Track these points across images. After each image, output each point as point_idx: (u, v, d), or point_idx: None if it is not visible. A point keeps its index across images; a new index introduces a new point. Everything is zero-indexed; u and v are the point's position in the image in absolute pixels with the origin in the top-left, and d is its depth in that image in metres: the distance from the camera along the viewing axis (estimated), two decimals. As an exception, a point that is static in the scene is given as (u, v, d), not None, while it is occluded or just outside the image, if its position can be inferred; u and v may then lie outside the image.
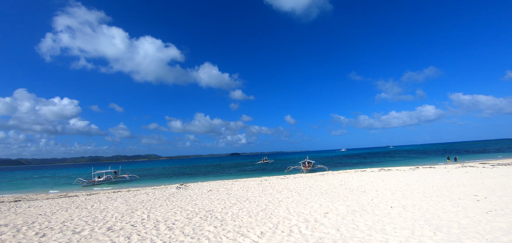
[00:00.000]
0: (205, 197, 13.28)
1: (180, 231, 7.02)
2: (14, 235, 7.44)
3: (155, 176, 43.58)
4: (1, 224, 9.06)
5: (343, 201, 10.26)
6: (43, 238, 7.02)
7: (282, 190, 14.25)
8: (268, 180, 21.76)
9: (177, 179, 35.40)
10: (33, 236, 7.32)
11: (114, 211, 10.52)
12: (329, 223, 7.22)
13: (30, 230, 7.93)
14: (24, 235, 7.41)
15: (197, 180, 31.83)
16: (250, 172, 43.22)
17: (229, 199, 12.19)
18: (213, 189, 16.42)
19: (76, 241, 6.59)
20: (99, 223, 8.39)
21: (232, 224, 7.53)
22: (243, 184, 19.09)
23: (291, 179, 20.84)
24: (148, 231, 7.21)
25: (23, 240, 6.91)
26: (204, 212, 9.42)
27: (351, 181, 16.77)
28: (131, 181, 35.00)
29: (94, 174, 33.96)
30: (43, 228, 8.17)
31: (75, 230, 7.66)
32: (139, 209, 10.59)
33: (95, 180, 31.89)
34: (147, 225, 7.90)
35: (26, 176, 60.81)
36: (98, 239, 6.66)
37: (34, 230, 7.90)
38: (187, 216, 8.88)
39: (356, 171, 26.24)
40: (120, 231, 7.35)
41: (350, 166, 41.52)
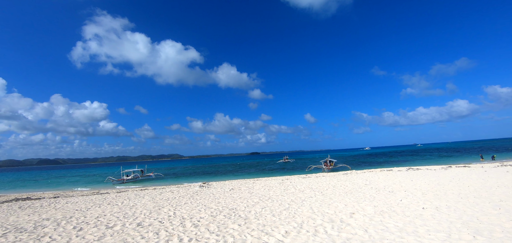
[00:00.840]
0: (228, 195, 13.45)
1: (206, 228, 7.16)
2: (55, 228, 8.05)
3: (179, 175, 45.01)
4: (44, 218, 9.85)
5: (370, 201, 9.87)
6: (80, 232, 7.51)
7: (304, 189, 14.04)
8: (289, 179, 21.57)
9: (200, 178, 36.27)
10: (71, 229, 7.86)
11: (143, 208, 11.00)
12: (356, 223, 6.97)
13: (68, 224, 8.54)
14: (63, 229, 7.99)
15: (218, 179, 32.40)
16: (271, 171, 43.12)
17: (251, 198, 12.24)
18: (235, 188, 16.59)
19: (109, 236, 6.97)
20: (130, 219, 8.81)
21: (256, 222, 7.54)
22: (264, 183, 19.09)
23: (313, 178, 20.48)
24: (175, 227, 7.44)
25: (63, 233, 7.44)
26: (227, 210, 9.54)
27: (377, 181, 16.11)
28: (156, 180, 36.46)
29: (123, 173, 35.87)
30: (79, 222, 8.75)
31: (108, 225, 8.11)
32: (165, 206, 10.98)
33: (124, 179, 33.66)
34: (174, 222, 8.16)
35: (62, 175, 65.75)
36: (129, 234, 6.99)
37: (72, 224, 8.49)
38: (211, 214, 9.05)
39: (382, 170, 25.16)
40: (149, 227, 7.67)
41: (375, 165, 39.91)
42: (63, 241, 6.73)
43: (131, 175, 35.35)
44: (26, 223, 9.02)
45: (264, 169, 48.05)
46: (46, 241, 6.77)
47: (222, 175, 39.59)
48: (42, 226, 8.49)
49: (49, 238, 7.00)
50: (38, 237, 7.15)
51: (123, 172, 36.35)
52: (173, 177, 40.09)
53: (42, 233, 7.55)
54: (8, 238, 7.17)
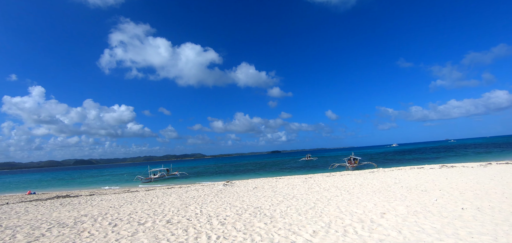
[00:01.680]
0: (251, 194, 13.51)
1: (232, 227, 7.23)
2: (92, 224, 8.60)
3: (202, 174, 46.15)
4: (82, 214, 10.58)
5: (401, 201, 9.36)
6: (115, 228, 7.95)
7: (329, 188, 13.70)
8: (313, 177, 21.19)
9: (222, 177, 36.90)
10: (107, 225, 8.35)
11: (170, 205, 11.40)
12: (388, 224, 6.64)
13: (104, 220, 9.08)
14: (100, 224, 8.51)
15: (241, 177, 32.72)
16: (293, 169, 42.71)
17: (275, 196, 12.18)
18: (258, 187, 16.63)
19: (142, 232, 7.30)
20: (159, 216, 9.17)
21: (282, 221, 7.48)
22: (287, 181, 18.93)
23: (338, 177, 19.93)
24: (202, 225, 7.61)
25: (100, 229, 7.93)
26: (252, 208, 9.57)
27: (407, 179, 15.27)
28: (181, 178, 37.70)
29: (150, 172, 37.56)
30: (114, 219, 9.27)
31: (140, 222, 8.51)
32: (192, 204, 11.28)
33: (151, 177, 35.23)
34: (201, 219, 8.35)
35: (95, 174, 70.38)
36: (160, 231, 7.26)
37: (107, 220, 9.02)
38: (237, 212, 9.13)
39: (411, 168, 23.82)
40: (177, 224, 7.92)
41: (404, 163, 37.92)
42: (101, 236, 7.16)
43: (158, 174, 36.91)
44: (67, 219, 9.75)
45: (285, 168, 47.71)
46: (86, 236, 7.24)
47: (244, 174, 39.94)
48: (81, 221, 9.12)
49: (88, 233, 7.49)
50: (78, 232, 7.68)
51: (150, 171, 38.06)
52: (197, 176, 41.20)
53: (82, 228, 8.10)
54: (53, 232, 7.78)
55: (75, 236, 7.26)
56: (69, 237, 7.25)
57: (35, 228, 8.49)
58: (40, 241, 6.94)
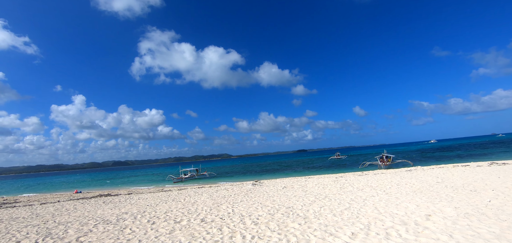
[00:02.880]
0: (281, 193, 13.36)
1: (266, 226, 7.17)
2: (133, 221, 9.11)
3: (230, 174, 46.92)
4: (123, 212, 11.28)
5: (448, 202, 8.57)
6: (153, 225, 8.33)
7: (363, 188, 13.05)
8: (344, 177, 20.40)
9: (250, 176, 37.16)
10: (146, 222, 8.79)
11: (203, 204, 11.69)
12: (435, 227, 6.09)
13: (143, 218, 9.57)
14: (139, 222, 8.98)
15: (268, 177, 32.66)
16: (321, 168, 41.62)
17: (306, 196, 11.90)
18: (288, 186, 16.41)
19: (178, 230, 7.55)
20: (193, 215, 9.43)
21: (316, 222, 7.24)
22: (317, 181, 18.44)
23: (371, 176, 18.94)
24: (235, 224, 7.66)
25: (140, 226, 8.36)
26: (284, 208, 9.43)
27: (451, 178, 14.00)
28: (210, 178, 38.70)
29: (181, 171, 39.13)
30: (152, 216, 9.74)
31: (176, 220, 8.82)
32: (223, 204, 11.46)
33: (182, 177, 36.68)
34: (234, 218, 8.42)
35: (131, 174, 75.15)
36: (195, 229, 7.45)
37: (146, 218, 9.49)
38: (269, 212, 9.06)
39: (455, 166, 21.84)
40: (212, 223, 8.06)
41: (445, 160, 34.98)
42: (141, 232, 7.54)
43: (188, 174, 38.31)
44: (110, 216, 10.45)
45: (313, 167, 46.66)
46: (128, 232, 7.68)
47: (271, 173, 39.82)
48: (122, 219, 9.71)
49: (129, 230, 7.94)
50: (121, 229, 8.18)
51: (181, 171, 39.65)
52: (225, 176, 42.00)
53: (124, 225, 8.62)
54: (99, 229, 8.38)
55: (119, 233, 7.73)
56: (113, 233, 7.73)
57: (84, 224, 9.23)
58: (89, 237, 7.50)
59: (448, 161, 33.69)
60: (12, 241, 7.46)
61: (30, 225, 9.60)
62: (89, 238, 7.35)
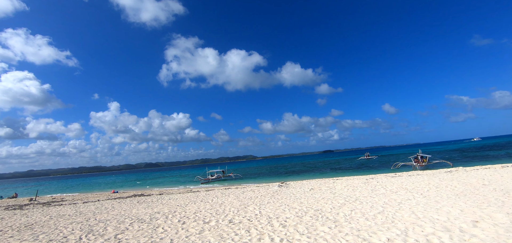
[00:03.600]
0: (309, 195, 13.05)
1: (294, 229, 7.03)
2: (165, 221, 9.49)
3: (255, 175, 47.10)
4: (155, 211, 11.82)
5: (498, 207, 7.71)
6: (183, 225, 8.60)
7: (397, 190, 12.27)
8: (375, 178, 19.39)
9: (276, 178, 36.95)
10: (176, 222, 9.10)
11: (230, 206, 11.83)
12: (485, 235, 5.49)
13: (174, 217, 9.93)
14: (171, 221, 9.33)
15: (294, 178, 32.19)
16: (349, 169, 40.08)
17: (335, 198, 11.49)
18: (315, 188, 16.00)
19: (207, 230, 7.70)
20: (221, 216, 9.58)
21: (348, 226, 6.93)
22: (346, 182, 17.75)
23: (405, 177, 17.76)
24: (263, 226, 7.61)
25: (171, 225, 8.68)
26: (312, 211, 9.19)
27: (500, 180, 12.61)
28: (236, 179, 39.21)
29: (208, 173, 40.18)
30: (182, 216, 10.07)
31: (205, 220, 9.02)
32: (250, 205, 11.49)
33: (209, 178, 37.64)
34: (261, 220, 8.38)
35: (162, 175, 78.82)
36: (224, 230, 7.54)
37: (177, 218, 9.84)
38: (297, 214, 8.88)
39: (503, 167, 19.68)
40: (239, 224, 8.11)
41: (492, 160, 31.73)
42: (173, 232, 7.82)
43: (215, 175, 39.22)
44: (143, 215, 11.01)
45: (341, 168, 45.09)
46: (160, 231, 8.01)
47: (297, 175, 39.24)
48: (155, 218, 10.17)
49: (162, 229, 8.28)
50: (154, 227, 8.56)
51: (208, 172, 40.72)
52: (251, 177, 42.25)
53: (156, 224, 9.01)
54: (134, 227, 8.85)
55: (152, 231, 8.10)
56: (147, 231, 8.12)
57: (121, 222, 9.82)
58: (125, 234, 7.95)
59: (496, 161, 30.48)
60: (60, 236, 8.17)
61: (74, 222, 10.46)
62: (126, 236, 7.79)
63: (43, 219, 11.89)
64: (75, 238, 7.90)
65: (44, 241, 7.76)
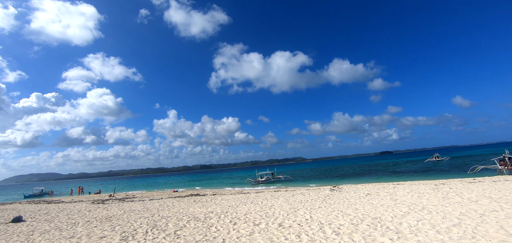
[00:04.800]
0: (365, 201, 12.02)
1: (349, 238, 6.51)
2: (217, 220, 9.94)
3: (305, 177, 45.92)
4: (209, 211, 12.50)
5: None
6: (235, 226, 8.84)
7: (477, 199, 10.32)
8: (447, 184, 16.76)
9: (327, 181, 35.34)
10: (228, 223, 9.43)
11: (280, 209, 11.72)
12: None
13: (226, 218, 10.32)
14: (223, 221, 9.72)
15: (347, 182, 30.23)
16: (413, 173, 35.69)
17: (396, 206, 10.30)
18: (372, 193, 14.67)
19: (257, 233, 7.74)
20: (271, 219, 9.54)
21: (414, 239, 6.09)
22: (409, 188, 15.79)
23: (488, 184, 14.85)
24: (315, 233, 7.27)
25: (224, 225, 9.03)
26: (369, 219, 8.40)
27: None
28: (285, 181, 38.89)
29: (258, 175, 40.87)
30: (233, 217, 10.39)
31: (255, 222, 9.12)
32: (300, 209, 11.17)
33: (259, 180, 38.23)
34: (312, 226, 8.03)
35: (214, 177, 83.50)
36: (274, 234, 7.47)
37: (228, 218, 10.20)
38: (351, 221, 8.24)
39: None
40: (289, 228, 7.93)
41: None
42: (225, 231, 8.11)
43: (264, 177, 39.64)
44: (199, 214, 11.75)
45: (402, 171, 40.49)
46: (214, 230, 8.40)
47: (350, 178, 36.77)
48: (209, 217, 10.74)
49: (215, 228, 8.68)
50: (208, 226, 9.03)
51: (258, 174, 41.42)
52: (300, 179, 41.35)
53: (210, 223, 9.49)
54: (191, 224, 9.50)
55: (206, 230, 8.55)
56: (202, 229, 8.61)
57: (179, 219, 10.67)
58: (183, 231, 8.59)
59: None
60: (131, 229, 9.31)
61: (142, 217, 11.82)
62: (184, 232, 8.41)
63: (119, 212, 13.77)
64: (142, 231, 8.89)
65: (119, 232, 8.95)
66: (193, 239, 7.53)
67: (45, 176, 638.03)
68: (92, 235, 8.82)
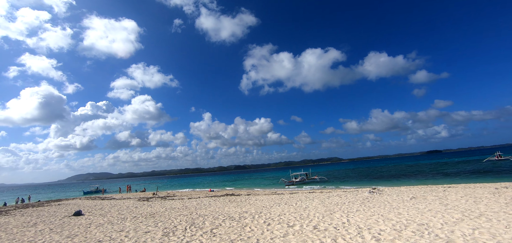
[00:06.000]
0: (409, 205, 11.07)
1: (391, 245, 6.06)
2: (251, 220, 10.05)
3: (341, 178, 44.05)
4: (243, 210, 12.71)
5: None
6: (268, 226, 8.85)
7: (553, 206, 8.78)
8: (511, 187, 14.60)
9: (365, 182, 33.43)
10: (262, 223, 9.47)
11: (315, 210, 11.41)
12: None
13: (260, 218, 10.39)
14: (257, 222, 9.79)
15: (388, 184, 28.23)
16: (467, 174, 31.85)
17: (447, 211, 9.28)
18: (418, 196, 13.45)
19: (291, 234, 7.64)
20: (305, 221, 9.33)
21: (469, 249, 5.42)
22: (463, 191, 14.12)
23: None
24: (352, 237, 6.91)
25: (258, 225, 9.09)
26: (415, 225, 7.70)
27: None
28: (320, 182, 37.75)
29: (292, 175, 40.41)
30: (267, 218, 10.41)
31: (288, 224, 9.01)
32: (336, 212, 10.73)
33: (293, 181, 37.75)
34: (350, 230, 7.65)
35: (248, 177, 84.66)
36: (308, 236, 7.29)
37: (262, 219, 10.24)
38: (394, 227, 7.66)
39: None
40: (325, 231, 7.67)
41: None
42: (259, 232, 8.17)
43: (299, 178, 39.02)
44: (234, 213, 12.02)
45: (454, 173, 36.38)
46: (248, 230, 8.51)
47: (392, 179, 34.22)
48: (243, 217, 10.92)
49: (249, 228, 8.79)
50: (243, 226, 9.18)
51: (292, 175, 40.95)
52: (336, 180, 39.76)
53: (244, 223, 9.64)
54: (226, 223, 9.76)
55: (241, 229, 8.71)
56: (237, 229, 8.79)
57: (215, 218, 11.05)
58: (219, 229, 8.86)
59: None
60: (171, 225, 9.91)
61: (182, 214, 12.51)
62: (220, 231, 8.68)
63: (161, 210, 14.78)
64: (182, 228, 9.40)
65: (161, 228, 9.60)
66: (228, 238, 7.72)
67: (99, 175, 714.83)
68: (138, 229, 9.61)
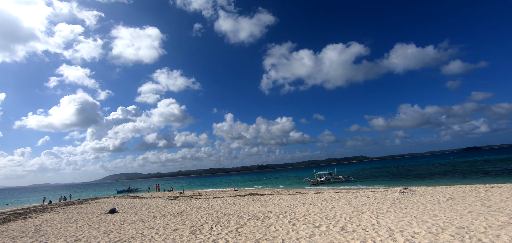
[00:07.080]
0: (446, 207, 10.30)
1: (427, 248, 5.67)
2: (276, 220, 10.01)
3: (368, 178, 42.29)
4: (268, 210, 12.70)
5: None
6: (294, 227, 8.74)
7: None
8: None
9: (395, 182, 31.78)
10: (287, 223, 9.38)
11: (341, 211, 11.06)
12: None
13: (284, 218, 10.30)
14: (282, 221, 9.72)
15: (421, 183, 26.55)
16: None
17: (491, 214, 8.49)
18: (455, 197, 12.48)
19: (317, 235, 7.47)
20: (332, 221, 9.08)
21: (519, 255, 4.90)
22: (509, 192, 12.82)
23: None
24: (383, 240, 6.59)
25: (282, 225, 9.03)
26: (454, 228, 7.14)
27: None
28: (346, 182, 36.57)
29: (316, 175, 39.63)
30: (292, 218, 10.29)
31: (314, 224, 8.83)
32: (365, 212, 10.31)
33: (318, 180, 36.99)
34: (380, 232, 7.30)
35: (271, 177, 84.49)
36: (335, 238, 7.08)
37: (287, 219, 10.15)
38: (429, 230, 7.16)
39: None
40: (353, 233, 7.39)
41: None
42: (284, 232, 8.10)
43: (323, 177, 38.14)
44: (258, 213, 12.05)
45: (496, 171, 33.21)
46: (273, 230, 8.48)
47: (425, 179, 32.12)
48: (268, 216, 10.91)
49: (274, 228, 8.75)
50: (267, 226, 9.17)
51: (316, 174, 40.14)
52: (363, 180, 38.25)
53: (269, 223, 9.62)
54: (251, 223, 9.82)
55: (266, 229, 8.70)
56: (261, 228, 8.80)
57: (240, 217, 11.17)
58: (244, 228, 8.94)
59: None
60: (198, 224, 10.20)
61: (207, 213, 12.82)
62: (245, 230, 8.76)
63: (188, 208, 15.28)
64: (208, 226, 9.63)
65: (188, 226, 9.92)
66: (253, 237, 7.76)
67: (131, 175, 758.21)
68: (167, 227, 10.02)
